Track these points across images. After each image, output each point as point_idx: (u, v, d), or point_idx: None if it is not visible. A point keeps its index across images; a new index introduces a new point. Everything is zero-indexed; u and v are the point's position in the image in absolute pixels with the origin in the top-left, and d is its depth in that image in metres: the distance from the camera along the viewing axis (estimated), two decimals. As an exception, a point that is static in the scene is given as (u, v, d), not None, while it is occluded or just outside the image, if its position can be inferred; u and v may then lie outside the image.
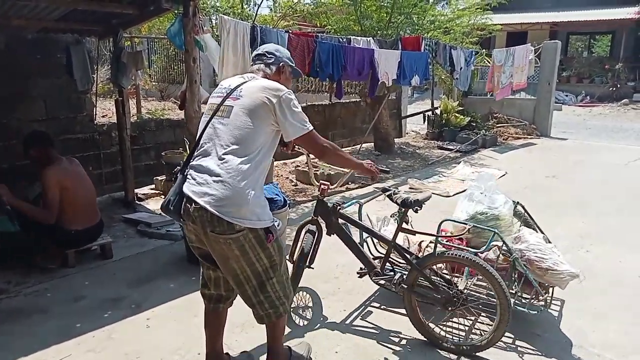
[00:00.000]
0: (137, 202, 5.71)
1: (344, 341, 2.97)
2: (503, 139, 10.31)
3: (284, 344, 2.64)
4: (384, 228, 3.56)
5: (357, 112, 9.67)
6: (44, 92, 5.40)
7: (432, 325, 3.00)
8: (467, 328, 3.08)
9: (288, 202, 4.45)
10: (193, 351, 2.85)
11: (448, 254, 2.93)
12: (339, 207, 3.09)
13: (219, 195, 2.13)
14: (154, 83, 13.94)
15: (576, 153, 8.99)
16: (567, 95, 17.96)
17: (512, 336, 3.02)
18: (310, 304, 3.41)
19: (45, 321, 3.17)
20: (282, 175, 7.07)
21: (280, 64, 2.48)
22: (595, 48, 21.67)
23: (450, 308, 2.86)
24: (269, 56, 2.47)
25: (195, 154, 2.29)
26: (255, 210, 2.20)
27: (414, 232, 3.13)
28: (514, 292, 2.98)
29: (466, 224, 3.16)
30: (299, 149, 3.05)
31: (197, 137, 2.33)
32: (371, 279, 3.14)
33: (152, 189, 6.13)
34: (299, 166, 7.00)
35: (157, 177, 6.14)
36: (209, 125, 2.29)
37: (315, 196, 3.42)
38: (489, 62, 10.40)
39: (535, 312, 2.98)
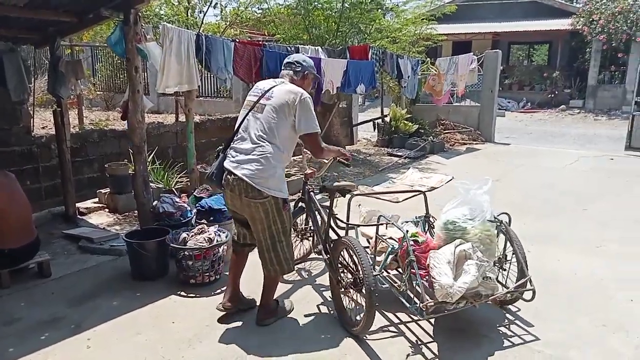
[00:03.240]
0: (79, 216, 5.47)
1: (295, 351, 2.94)
2: (450, 145, 10.62)
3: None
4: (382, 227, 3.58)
5: (308, 121, 9.67)
6: (-26, 103, 5.10)
7: (346, 304, 3.21)
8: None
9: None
10: (136, 370, 2.74)
11: (343, 239, 3.19)
12: (310, 190, 3.70)
13: (253, 170, 2.85)
14: (98, 92, 13.49)
15: (518, 157, 9.38)
16: (509, 102, 18.76)
17: (457, 336, 3.10)
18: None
19: (-26, 347, 2.97)
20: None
21: (305, 72, 3.14)
22: (535, 57, 22.81)
23: (352, 289, 3.13)
24: (297, 65, 3.12)
25: (235, 138, 3.01)
26: (278, 184, 2.93)
27: (338, 219, 3.56)
28: (400, 289, 3.10)
29: (393, 223, 3.29)
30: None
31: (237, 125, 3.04)
32: (313, 250, 4.01)
33: (95, 202, 5.89)
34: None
35: (101, 190, 5.91)
36: (246, 118, 3.00)
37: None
38: (435, 70, 10.73)
39: (419, 316, 2.95)
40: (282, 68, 3.19)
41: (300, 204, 3.90)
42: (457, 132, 11.22)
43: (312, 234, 4.01)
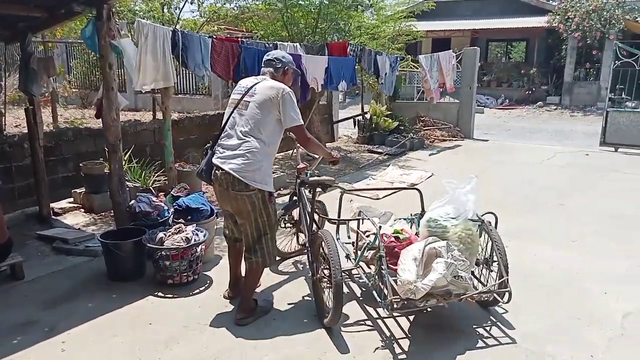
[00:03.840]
0: (53, 217, 5.34)
1: (272, 351, 2.92)
2: (430, 142, 10.69)
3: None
4: (389, 223, 3.72)
5: (288, 118, 9.62)
6: (-59, 101, 4.94)
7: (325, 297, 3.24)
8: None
9: (216, 211, 4.36)
10: (112, 374, 2.69)
11: (319, 233, 3.26)
12: (300, 185, 3.78)
13: (240, 165, 2.99)
14: (74, 90, 13.22)
15: (497, 153, 9.50)
16: (488, 99, 18.97)
17: (435, 332, 3.11)
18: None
19: (-58, 354, 2.87)
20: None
21: (285, 68, 3.24)
22: (513, 54, 23.11)
23: (326, 282, 3.21)
24: (276, 62, 3.23)
25: (222, 135, 3.14)
26: (264, 177, 3.06)
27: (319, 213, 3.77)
28: (370, 283, 3.21)
29: (369, 218, 3.38)
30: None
31: (223, 123, 3.17)
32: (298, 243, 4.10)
33: (70, 202, 5.76)
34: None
35: (76, 190, 5.79)
36: (231, 115, 3.13)
37: None
38: (416, 67, 10.79)
39: (387, 312, 3.02)
40: (263, 66, 3.27)
41: (294, 197, 4.04)
42: (437, 129, 11.29)
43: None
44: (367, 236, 3.45)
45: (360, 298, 3.54)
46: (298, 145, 3.88)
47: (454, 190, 3.34)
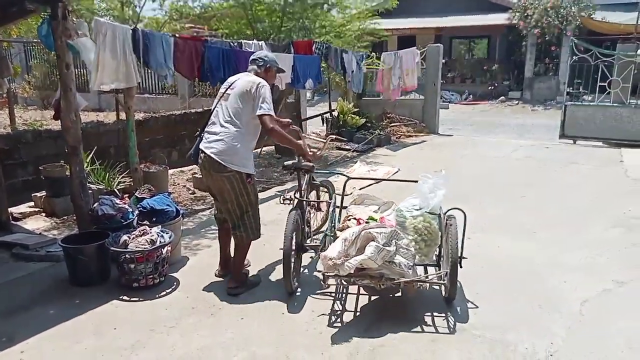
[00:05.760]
0: (12, 222, 5.16)
1: (240, 351, 2.92)
2: (396, 138, 10.82)
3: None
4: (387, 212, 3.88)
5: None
6: None
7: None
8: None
9: (182, 212, 4.31)
10: (75, 381, 2.63)
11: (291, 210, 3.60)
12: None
13: (219, 149, 3.39)
14: (34, 91, 12.81)
15: (461, 148, 9.69)
16: (452, 95, 19.31)
17: (400, 323, 3.17)
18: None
19: None
20: (178, 184, 6.81)
21: (268, 65, 3.64)
22: (476, 51, 23.56)
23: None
24: (260, 60, 3.65)
25: (208, 123, 3.55)
26: (242, 160, 3.43)
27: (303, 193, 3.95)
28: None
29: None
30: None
31: (210, 113, 3.59)
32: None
33: (30, 206, 5.58)
34: (196, 173, 6.78)
35: (37, 194, 5.61)
36: (217, 106, 3.55)
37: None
38: (382, 65, 10.88)
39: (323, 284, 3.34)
40: (249, 64, 3.69)
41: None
42: (403, 125, 11.43)
43: (321, 207, 4.52)
44: (348, 219, 3.67)
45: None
46: (303, 135, 4.23)
47: (423, 185, 3.55)
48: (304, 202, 3.89)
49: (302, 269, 3.95)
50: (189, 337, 3.05)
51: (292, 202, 3.74)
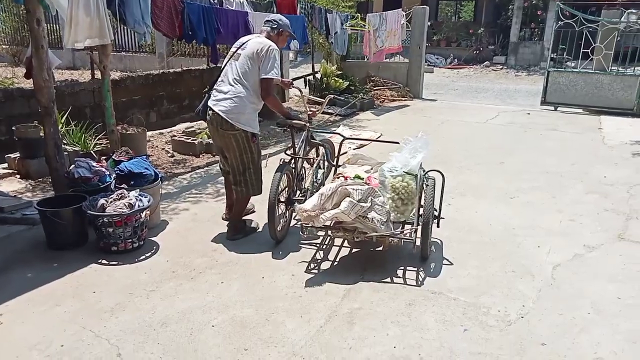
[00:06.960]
0: (-14, 184, 5.05)
1: (220, 314, 2.95)
2: (380, 102, 10.74)
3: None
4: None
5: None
6: None
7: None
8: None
9: (160, 176, 4.26)
10: (55, 344, 2.64)
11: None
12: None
13: (227, 107, 3.57)
14: (4, 46, 12.31)
15: (444, 113, 9.69)
16: (437, 58, 19.16)
17: (376, 284, 3.24)
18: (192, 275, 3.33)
19: None
20: (157, 147, 6.69)
21: (281, 29, 3.77)
22: (462, 13, 23.27)
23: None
24: (274, 22, 3.76)
25: (217, 81, 3.72)
26: (248, 120, 3.63)
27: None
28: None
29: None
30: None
31: (220, 71, 3.75)
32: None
33: (4, 168, 5.44)
34: (175, 136, 6.68)
35: (10, 155, 5.47)
36: (226, 65, 3.70)
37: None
38: (367, 27, 10.68)
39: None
40: (263, 24, 3.83)
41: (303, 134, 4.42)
42: (387, 89, 11.34)
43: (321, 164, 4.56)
44: (337, 177, 3.80)
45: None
46: (304, 96, 4.65)
47: (405, 147, 3.69)
48: (297, 158, 4.08)
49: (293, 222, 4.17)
50: (169, 301, 3.07)
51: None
